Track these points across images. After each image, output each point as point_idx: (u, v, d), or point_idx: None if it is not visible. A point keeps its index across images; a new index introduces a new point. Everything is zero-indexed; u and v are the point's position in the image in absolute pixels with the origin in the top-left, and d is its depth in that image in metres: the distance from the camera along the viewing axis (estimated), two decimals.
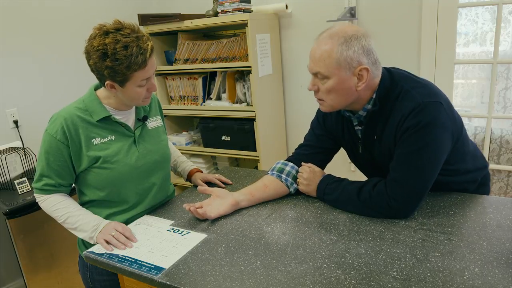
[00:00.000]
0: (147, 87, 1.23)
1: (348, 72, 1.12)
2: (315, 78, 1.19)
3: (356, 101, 1.20)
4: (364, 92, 1.18)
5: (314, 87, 1.20)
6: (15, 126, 2.39)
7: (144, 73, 1.18)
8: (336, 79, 1.13)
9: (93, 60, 1.15)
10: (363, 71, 1.12)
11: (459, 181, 1.28)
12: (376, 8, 2.36)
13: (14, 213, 1.97)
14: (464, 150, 1.27)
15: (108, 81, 1.18)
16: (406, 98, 1.15)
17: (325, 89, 1.17)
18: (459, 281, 0.86)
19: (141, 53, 1.14)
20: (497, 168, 2.63)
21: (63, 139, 1.21)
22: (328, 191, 1.27)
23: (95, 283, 1.35)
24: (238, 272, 0.98)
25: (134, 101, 1.26)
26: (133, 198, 1.32)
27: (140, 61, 1.14)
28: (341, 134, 1.36)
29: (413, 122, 1.11)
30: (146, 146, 1.34)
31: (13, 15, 2.36)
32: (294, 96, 2.80)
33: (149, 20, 2.64)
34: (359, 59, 1.11)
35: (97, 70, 1.17)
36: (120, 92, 1.22)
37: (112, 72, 1.15)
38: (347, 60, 1.11)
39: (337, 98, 1.17)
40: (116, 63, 1.12)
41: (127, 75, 1.16)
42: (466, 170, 1.28)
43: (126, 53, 1.12)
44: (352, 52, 1.10)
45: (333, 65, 1.12)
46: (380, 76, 1.19)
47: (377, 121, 1.21)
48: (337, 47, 1.10)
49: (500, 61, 2.24)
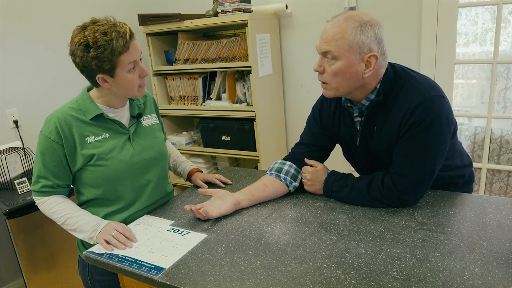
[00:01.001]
0: (138, 73, 1.24)
1: (358, 56, 1.13)
2: (323, 59, 1.18)
3: (360, 90, 1.20)
4: (369, 81, 1.18)
5: (320, 68, 1.19)
6: (15, 126, 2.39)
7: (129, 56, 1.19)
8: (345, 61, 1.13)
9: (78, 57, 1.17)
10: (372, 58, 1.13)
11: (450, 176, 1.32)
12: (376, 8, 2.36)
13: (14, 213, 1.97)
14: (455, 146, 1.31)
15: (98, 75, 1.19)
16: (411, 91, 1.17)
17: (332, 71, 1.16)
18: (459, 281, 0.86)
19: (121, 36, 1.16)
20: (497, 168, 2.63)
21: (57, 139, 1.21)
22: (336, 188, 1.29)
23: (95, 283, 1.35)
24: (238, 272, 0.98)
25: (129, 91, 1.25)
26: (129, 195, 1.32)
27: (122, 44, 1.16)
28: (337, 127, 1.36)
29: (419, 117, 1.13)
30: (141, 143, 1.34)
31: (13, 15, 2.36)
32: (294, 96, 2.80)
33: (149, 20, 2.64)
34: (370, 45, 1.12)
35: (85, 67, 1.18)
36: (113, 84, 1.22)
37: (99, 62, 1.16)
38: (359, 44, 1.11)
39: (343, 82, 1.17)
40: (99, 50, 1.14)
41: (113, 61, 1.17)
42: (455, 166, 1.32)
43: (107, 38, 1.14)
44: (365, 37, 1.11)
45: (344, 46, 1.12)
46: (386, 68, 1.21)
47: (379, 112, 1.22)
48: (352, 30, 1.11)
49: (500, 61, 2.24)
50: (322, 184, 1.33)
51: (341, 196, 1.28)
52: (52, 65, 2.58)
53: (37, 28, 2.48)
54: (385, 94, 1.20)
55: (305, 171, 1.37)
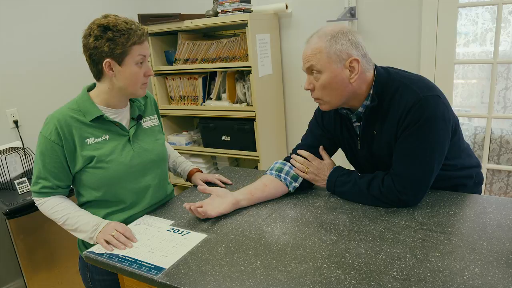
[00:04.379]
0: (143, 70, 1.25)
1: (339, 64, 1.16)
2: (310, 76, 1.23)
3: (353, 98, 1.22)
4: (359, 87, 1.20)
5: (310, 85, 1.24)
6: (15, 126, 2.39)
7: (141, 49, 1.22)
8: (329, 72, 1.17)
9: (93, 37, 1.19)
10: (353, 62, 1.16)
11: (456, 176, 1.31)
12: (376, 8, 2.36)
13: (14, 213, 1.97)
14: (460, 146, 1.31)
15: (107, 59, 1.20)
16: (405, 92, 1.18)
17: (320, 85, 1.20)
18: (459, 281, 0.86)
19: (139, 29, 1.22)
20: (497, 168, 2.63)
21: (57, 140, 1.21)
22: (339, 183, 1.30)
23: (95, 283, 1.35)
24: (238, 272, 0.98)
25: (131, 86, 1.25)
26: (129, 198, 1.32)
27: (139, 35, 1.21)
28: (339, 132, 1.37)
29: (415, 117, 1.14)
30: (141, 145, 1.34)
31: (13, 15, 2.36)
32: (294, 96, 2.80)
33: (149, 20, 2.64)
34: (348, 51, 1.16)
35: (96, 48, 1.19)
36: (117, 74, 1.22)
37: (112, 44, 1.18)
38: (336, 53, 1.16)
39: (333, 93, 1.20)
40: (117, 33, 1.18)
41: (126, 47, 1.19)
42: (462, 166, 1.32)
43: (127, 26, 1.19)
44: (340, 45, 1.15)
45: (324, 59, 1.16)
46: (373, 71, 1.23)
47: (376, 116, 1.24)
48: (326, 43, 1.16)
49: (500, 61, 2.24)
50: (325, 178, 1.34)
51: (343, 192, 1.29)
52: (52, 65, 2.58)
53: (37, 28, 2.48)
54: (379, 98, 1.21)
55: (312, 160, 1.37)
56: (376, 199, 1.22)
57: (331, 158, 1.40)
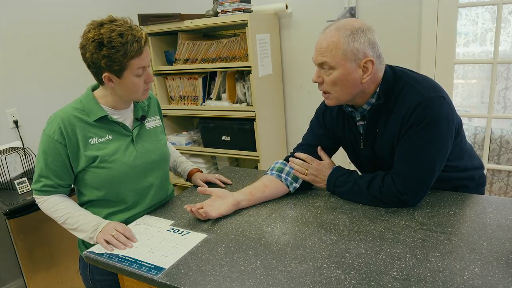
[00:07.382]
0: (144, 78, 1.24)
1: (353, 63, 1.14)
2: (320, 70, 1.19)
3: (360, 95, 1.21)
4: (368, 86, 1.19)
5: (319, 78, 1.21)
6: (15, 126, 2.39)
7: (140, 61, 1.19)
8: (342, 70, 1.15)
9: (89, 52, 1.16)
10: (368, 63, 1.14)
11: (458, 177, 1.31)
12: (376, 8, 2.36)
13: (14, 213, 1.97)
14: (463, 147, 1.30)
15: (105, 73, 1.18)
16: (410, 92, 1.17)
17: (330, 81, 1.18)
18: (459, 281, 0.86)
19: (136, 40, 1.17)
20: (497, 168, 2.63)
21: (61, 139, 1.21)
22: (339, 183, 1.30)
23: (95, 283, 1.35)
24: (238, 272, 0.98)
25: (133, 94, 1.25)
26: (131, 198, 1.32)
27: (136, 48, 1.16)
28: (341, 131, 1.36)
29: (419, 117, 1.13)
30: (144, 145, 1.34)
31: (13, 15, 2.36)
32: (294, 96, 2.80)
33: (149, 20, 2.64)
34: (365, 51, 1.13)
35: (93, 63, 1.18)
36: (118, 85, 1.22)
37: (109, 61, 1.15)
38: (353, 52, 1.12)
39: (342, 90, 1.18)
40: (113, 51, 1.14)
41: (123, 63, 1.17)
42: (464, 167, 1.31)
43: (122, 40, 1.14)
44: (359, 44, 1.12)
45: (339, 56, 1.13)
46: (384, 71, 1.21)
47: (380, 114, 1.23)
48: (344, 39, 1.12)
49: (500, 61, 2.24)
50: (325, 178, 1.34)
51: (343, 192, 1.29)
52: (53, 65, 2.58)
53: (37, 28, 2.48)
54: (385, 96, 1.20)
55: (311, 162, 1.37)
56: (376, 199, 1.22)
57: (330, 158, 1.40)
